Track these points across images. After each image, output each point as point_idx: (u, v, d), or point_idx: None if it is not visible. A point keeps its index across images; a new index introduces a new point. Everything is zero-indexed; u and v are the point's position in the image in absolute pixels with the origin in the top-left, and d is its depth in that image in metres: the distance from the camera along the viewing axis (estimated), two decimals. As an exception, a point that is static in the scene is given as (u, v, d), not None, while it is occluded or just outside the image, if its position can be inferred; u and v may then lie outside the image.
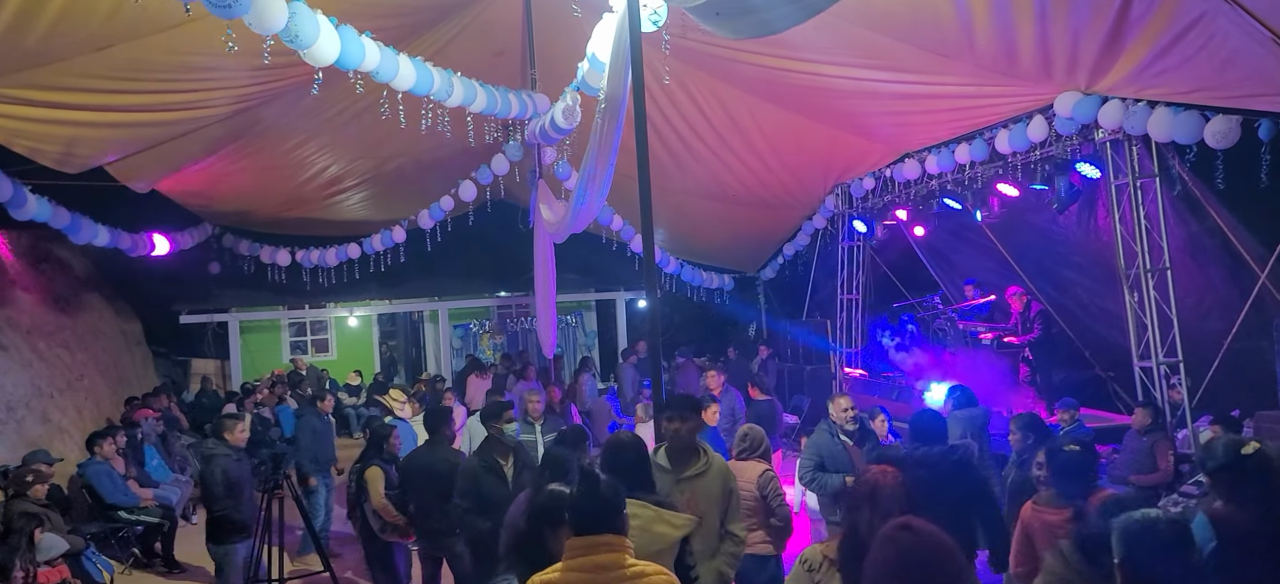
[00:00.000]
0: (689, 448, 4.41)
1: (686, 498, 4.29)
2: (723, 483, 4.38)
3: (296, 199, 13.07)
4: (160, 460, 10.28)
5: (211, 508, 6.41)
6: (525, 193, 12.13)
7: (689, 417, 4.44)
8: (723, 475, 4.41)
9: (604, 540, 2.83)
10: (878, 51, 7.50)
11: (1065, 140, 8.46)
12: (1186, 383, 8.08)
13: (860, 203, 12.40)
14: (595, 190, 7.52)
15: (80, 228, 10.95)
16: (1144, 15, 5.71)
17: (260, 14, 5.24)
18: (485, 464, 5.41)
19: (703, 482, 4.36)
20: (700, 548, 4.17)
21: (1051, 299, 10.72)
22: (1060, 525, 3.98)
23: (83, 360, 12.80)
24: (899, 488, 2.99)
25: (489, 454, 5.49)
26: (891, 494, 2.95)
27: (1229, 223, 8.04)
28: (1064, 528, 3.86)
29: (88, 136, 8.35)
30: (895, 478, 3.05)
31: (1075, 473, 4.16)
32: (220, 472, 6.32)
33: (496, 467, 5.40)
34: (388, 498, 6.18)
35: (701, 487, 4.35)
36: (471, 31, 9.28)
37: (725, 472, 4.46)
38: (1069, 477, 4.17)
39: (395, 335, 20.53)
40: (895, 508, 2.87)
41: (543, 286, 10.98)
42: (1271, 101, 6.22)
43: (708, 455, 4.45)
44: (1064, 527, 3.90)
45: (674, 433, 4.40)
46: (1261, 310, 7.74)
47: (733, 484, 4.43)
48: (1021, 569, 4.32)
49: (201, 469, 6.73)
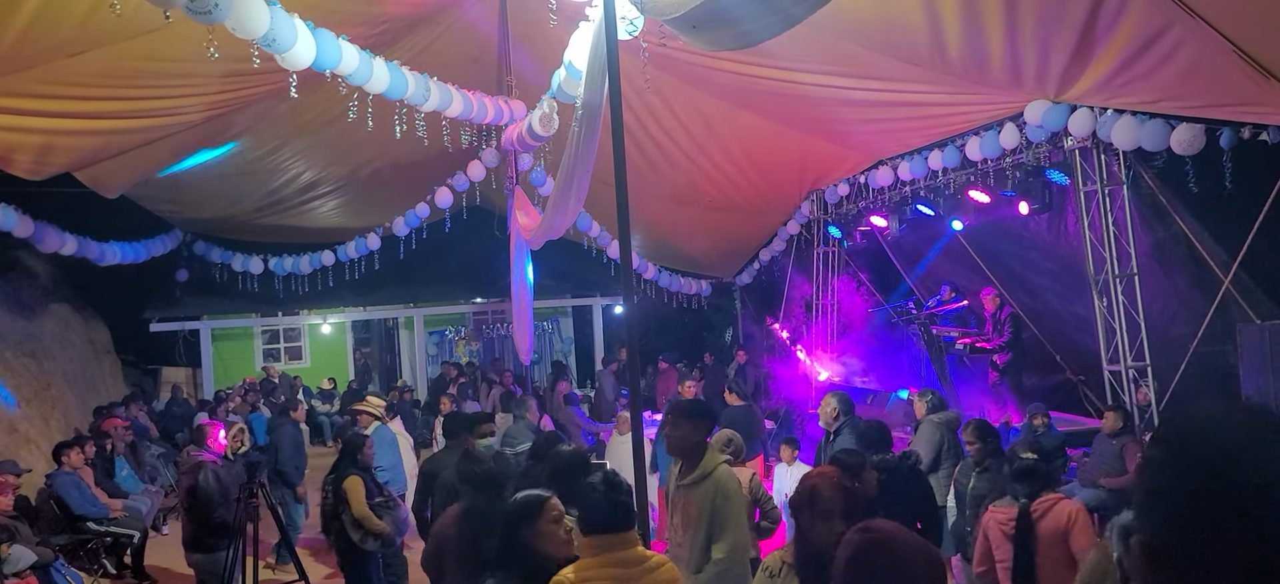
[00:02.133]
0: (690, 454, 4.29)
1: (682, 505, 4.28)
2: (712, 497, 4.19)
3: (270, 206, 12.96)
4: (130, 470, 10.14)
5: (204, 515, 6.36)
6: (502, 199, 12.11)
7: (681, 423, 4.38)
8: (716, 489, 4.21)
9: (626, 537, 3.03)
10: (852, 60, 7.59)
11: (1036, 147, 8.60)
12: (1154, 386, 8.24)
13: (835, 209, 12.52)
14: (572, 197, 7.53)
15: (46, 236, 10.78)
16: (1109, 27, 5.83)
17: (241, 18, 5.21)
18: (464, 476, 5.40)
19: (696, 491, 4.25)
20: (685, 556, 4.17)
21: (1023, 304, 10.86)
22: (1007, 522, 4.67)
23: (50, 370, 12.58)
24: (837, 490, 3.01)
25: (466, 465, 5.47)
26: (830, 496, 2.97)
27: (1194, 229, 8.21)
28: (1009, 524, 4.64)
29: (61, 144, 8.22)
30: (833, 480, 3.08)
31: (1025, 476, 4.69)
32: (212, 478, 6.28)
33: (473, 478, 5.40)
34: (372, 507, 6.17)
35: (694, 495, 4.26)
36: (448, 37, 9.27)
37: (720, 487, 4.23)
38: (1020, 479, 4.72)
39: (370, 342, 20.39)
40: (835, 509, 2.91)
41: (519, 293, 10.97)
42: (1233, 111, 6.38)
43: (709, 465, 4.28)
44: (1010, 523, 4.63)
45: (668, 438, 4.37)
46: (1225, 315, 7.90)
47: (721, 502, 4.19)
48: (981, 569, 4.89)
49: (196, 478, 6.64)
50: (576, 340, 19.28)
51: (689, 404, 4.67)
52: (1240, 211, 7.20)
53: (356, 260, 14.78)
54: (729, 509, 4.18)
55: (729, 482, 4.25)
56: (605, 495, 3.07)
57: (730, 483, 4.25)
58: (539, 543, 3.02)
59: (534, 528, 3.03)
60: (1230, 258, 7.64)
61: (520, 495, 3.24)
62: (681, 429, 4.35)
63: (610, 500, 3.06)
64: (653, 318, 17.18)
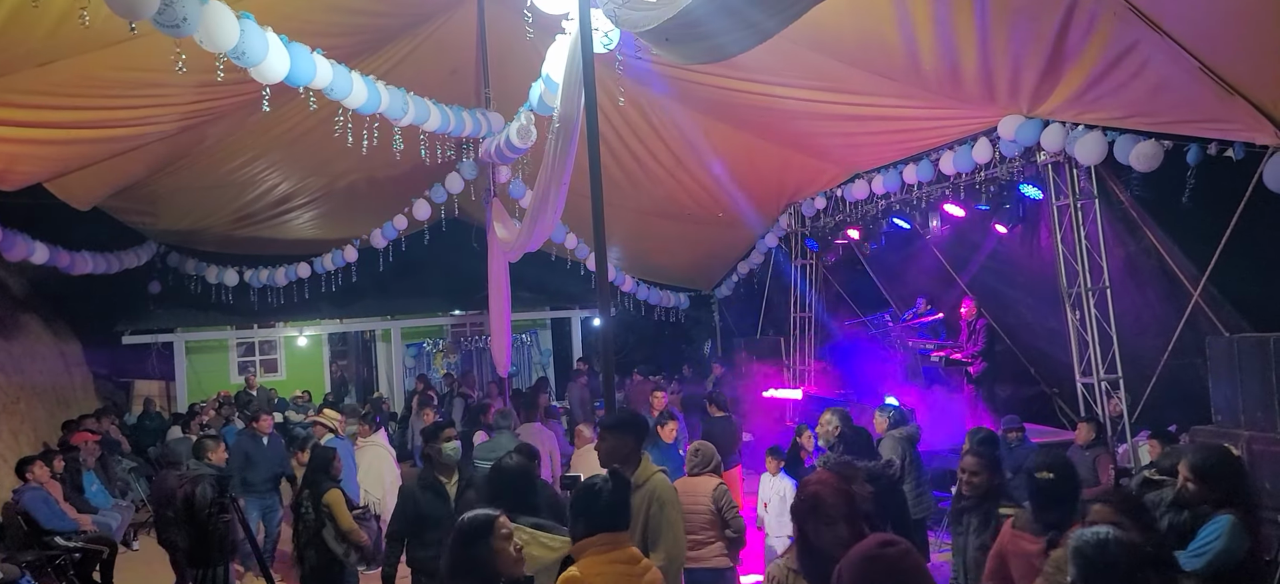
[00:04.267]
0: (624, 465, 4.17)
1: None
2: (646, 506, 4.13)
3: (245, 217, 12.86)
4: (100, 485, 9.99)
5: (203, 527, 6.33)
6: (480, 211, 12.09)
7: (607, 436, 4.31)
8: (649, 498, 4.15)
9: (625, 536, 3.16)
10: (827, 74, 7.65)
11: (1009, 162, 8.69)
12: (1126, 398, 8.34)
13: (812, 222, 12.59)
14: (549, 210, 7.53)
15: (14, 244, 10.63)
16: (1079, 44, 5.92)
17: (210, 32, 5.18)
18: (425, 483, 5.37)
19: (633, 497, 4.17)
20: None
21: (997, 317, 10.96)
22: (1037, 555, 3.78)
23: (18, 383, 12.37)
24: (840, 496, 3.03)
25: (429, 473, 5.44)
26: (834, 502, 2.99)
27: (1164, 243, 8.32)
28: (1040, 557, 3.71)
29: (29, 154, 8.12)
30: (836, 486, 3.10)
31: (1053, 501, 3.88)
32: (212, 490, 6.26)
33: (436, 484, 5.36)
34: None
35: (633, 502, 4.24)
36: (425, 50, 9.25)
37: (654, 495, 4.16)
38: (1046, 504, 3.89)
39: (346, 355, 20.23)
40: (838, 514, 2.95)
41: (497, 305, 10.94)
42: (1199, 127, 6.48)
43: (644, 475, 4.22)
44: (1041, 556, 3.72)
45: (598, 452, 4.31)
46: (1196, 328, 8.00)
47: (656, 510, 4.13)
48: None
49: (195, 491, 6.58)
50: (555, 353, 19.23)
51: (615, 417, 4.57)
52: (1208, 226, 7.32)
53: (333, 272, 14.68)
54: (664, 517, 4.11)
55: (664, 490, 4.19)
56: (612, 495, 3.18)
57: (665, 492, 4.19)
58: (493, 561, 2.98)
59: (488, 545, 2.99)
60: (1199, 272, 7.75)
61: (468, 515, 3.15)
62: (607, 442, 4.27)
63: (616, 500, 3.19)
64: (631, 330, 17.18)
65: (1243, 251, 7.22)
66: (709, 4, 4.34)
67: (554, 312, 18.34)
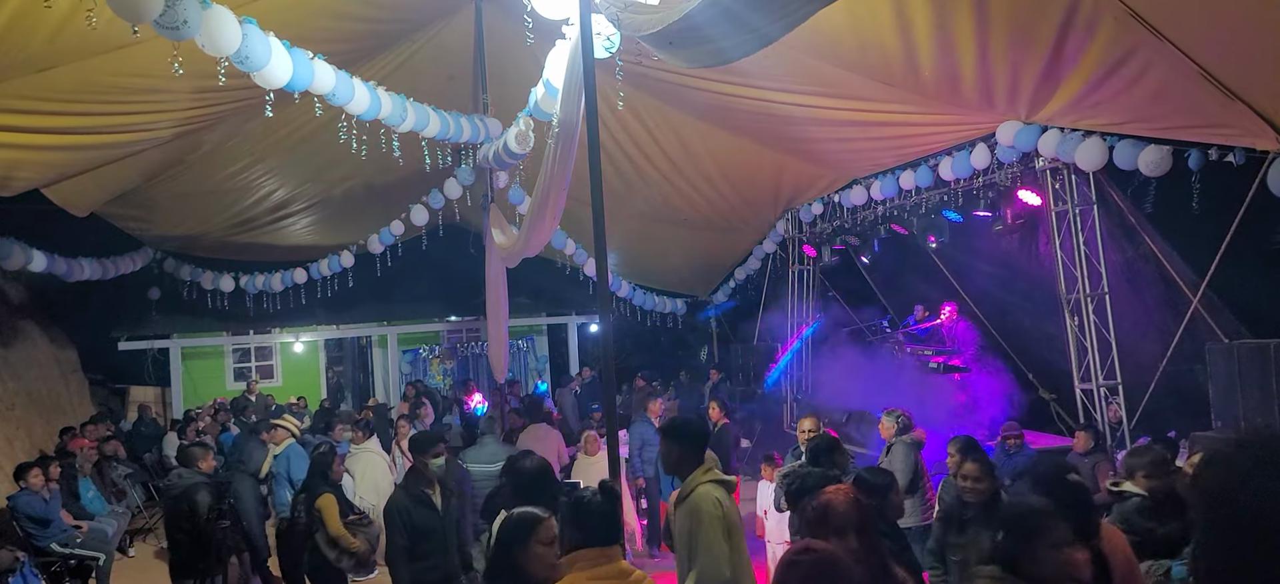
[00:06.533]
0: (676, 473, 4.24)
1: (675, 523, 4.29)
2: (687, 520, 4.10)
3: (242, 223, 12.82)
4: (96, 492, 9.93)
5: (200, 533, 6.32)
6: (477, 217, 12.06)
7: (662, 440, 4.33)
8: (689, 513, 4.06)
9: (615, 550, 3.12)
10: (826, 80, 7.64)
11: (1007, 168, 8.70)
12: (1125, 404, 8.33)
13: (809, 228, 12.58)
14: (548, 215, 7.51)
15: (11, 252, 10.58)
16: (1078, 50, 5.92)
17: (212, 36, 5.16)
18: (415, 497, 5.34)
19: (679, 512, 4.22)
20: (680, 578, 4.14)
21: (995, 322, 10.95)
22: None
23: (14, 390, 12.31)
24: (851, 506, 3.04)
25: (416, 487, 5.40)
26: (845, 512, 3.00)
27: (1163, 249, 8.33)
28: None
29: (29, 160, 8.08)
30: (847, 495, 3.10)
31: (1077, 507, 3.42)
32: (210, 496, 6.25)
33: (426, 498, 5.34)
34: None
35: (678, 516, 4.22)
36: (423, 55, 9.24)
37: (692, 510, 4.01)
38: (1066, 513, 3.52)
39: (342, 361, 20.17)
40: (849, 524, 2.94)
41: (494, 311, 10.91)
42: (1200, 133, 6.48)
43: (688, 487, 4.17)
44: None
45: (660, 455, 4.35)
46: (1194, 334, 8.00)
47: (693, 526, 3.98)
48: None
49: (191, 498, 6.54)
50: (551, 359, 19.19)
51: (669, 423, 4.53)
52: (1208, 232, 7.32)
53: (330, 278, 14.62)
54: (700, 533, 3.90)
55: (701, 503, 3.95)
56: (602, 508, 3.14)
57: (702, 505, 3.95)
58: (528, 563, 3.00)
59: (526, 548, 3.02)
60: (1199, 277, 7.75)
61: (516, 512, 3.19)
62: (662, 447, 4.29)
63: (607, 513, 3.14)
64: (628, 336, 17.15)
65: (1241, 257, 7.22)
66: (711, 9, 4.32)
67: (550, 317, 18.31)
